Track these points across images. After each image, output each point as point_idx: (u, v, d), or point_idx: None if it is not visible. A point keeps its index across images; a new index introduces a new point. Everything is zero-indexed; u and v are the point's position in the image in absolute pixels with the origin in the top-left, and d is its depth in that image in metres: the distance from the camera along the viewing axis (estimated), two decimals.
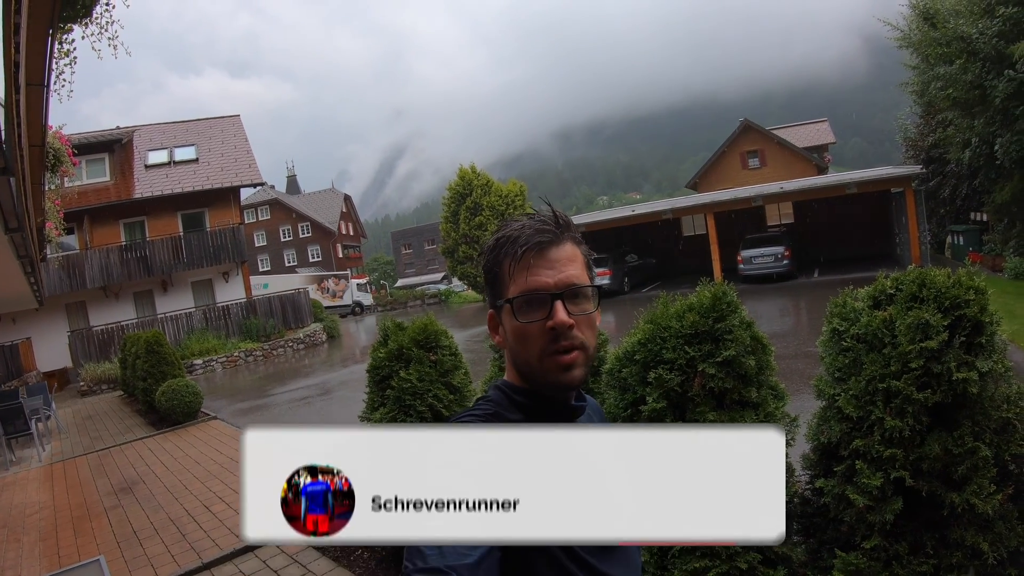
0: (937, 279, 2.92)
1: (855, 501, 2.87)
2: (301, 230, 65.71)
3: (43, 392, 13.98)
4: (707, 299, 3.30)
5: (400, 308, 42.53)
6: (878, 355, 2.93)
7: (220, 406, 14.78)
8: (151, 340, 14.37)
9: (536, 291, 1.22)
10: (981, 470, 2.78)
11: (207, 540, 6.53)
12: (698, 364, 3.21)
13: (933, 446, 2.79)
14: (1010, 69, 15.96)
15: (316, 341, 27.28)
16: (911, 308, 2.89)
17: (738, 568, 2.98)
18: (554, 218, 1.29)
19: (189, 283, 27.90)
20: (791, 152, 39.37)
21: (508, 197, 34.40)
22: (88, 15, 5.28)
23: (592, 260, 1.34)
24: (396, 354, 4.85)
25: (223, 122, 32.26)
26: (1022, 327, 10.88)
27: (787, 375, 8.62)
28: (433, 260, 74.14)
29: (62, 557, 6.53)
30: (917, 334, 2.81)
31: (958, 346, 2.79)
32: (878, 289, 3.12)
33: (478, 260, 1.39)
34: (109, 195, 26.47)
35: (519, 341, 1.25)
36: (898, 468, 2.81)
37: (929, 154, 25.50)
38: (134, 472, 9.72)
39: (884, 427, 2.84)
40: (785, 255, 23.29)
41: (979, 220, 23.02)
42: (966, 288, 2.86)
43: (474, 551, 1.01)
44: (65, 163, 8.69)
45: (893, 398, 2.84)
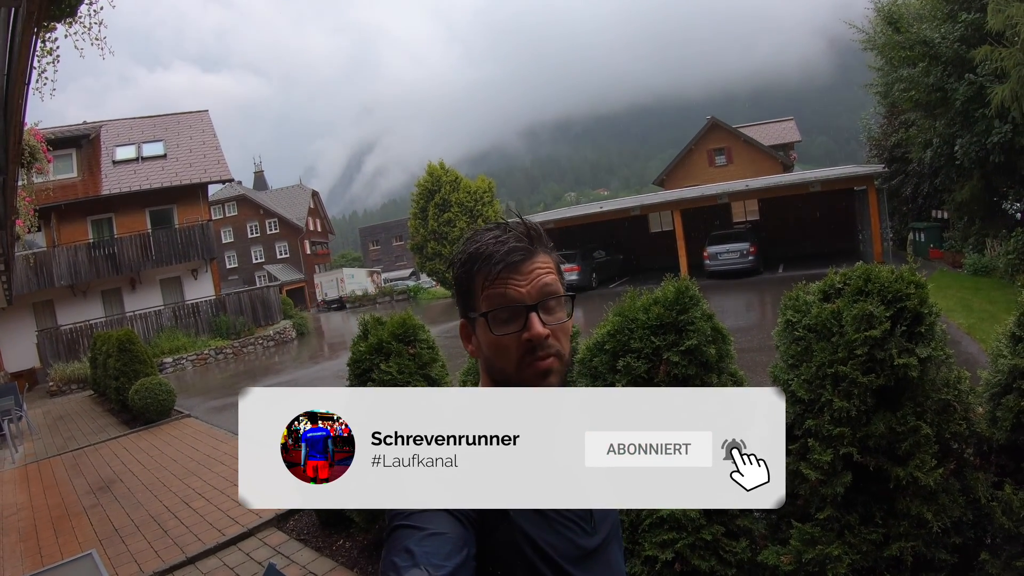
0: (881, 275, 3.18)
1: (808, 476, 3.12)
2: (269, 226, 65.01)
3: (13, 393, 13.81)
4: (671, 293, 3.54)
5: (369, 305, 42.48)
6: (827, 343, 3.19)
7: (193, 404, 14.77)
8: (123, 339, 14.32)
9: (510, 303, 1.22)
10: (923, 446, 3.03)
11: (189, 535, 6.62)
12: (663, 353, 3.46)
13: (879, 425, 3.04)
14: (971, 73, 16.38)
15: (286, 338, 27.24)
16: (857, 301, 3.15)
17: (703, 539, 3.22)
18: (526, 230, 1.29)
19: (158, 281, 27.66)
20: (757, 150, 39.87)
21: (477, 193, 34.36)
22: (73, 14, 5.34)
23: (561, 266, 1.34)
24: (376, 348, 5.03)
25: (191, 117, 31.87)
26: (979, 320, 11.26)
27: (751, 367, 8.87)
28: (401, 256, 73.85)
29: (44, 556, 6.57)
30: (862, 324, 3.06)
31: (899, 335, 3.05)
32: (828, 284, 3.38)
33: (447, 267, 1.45)
34: (76, 192, 26.13)
35: (495, 353, 1.25)
36: (846, 445, 3.06)
37: (892, 153, 25.95)
38: (111, 471, 9.74)
39: (833, 408, 3.10)
40: (750, 251, 23.63)
41: (940, 218, 23.51)
42: (907, 283, 3.12)
43: (449, 561, 1.00)
44: (40, 160, 8.67)
45: (841, 382, 3.10)
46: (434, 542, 1.02)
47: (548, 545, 1.16)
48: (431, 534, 1.03)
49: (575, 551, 1.20)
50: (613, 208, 28.93)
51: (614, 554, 1.32)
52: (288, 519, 6.70)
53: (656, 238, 31.50)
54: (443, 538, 1.03)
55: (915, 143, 21.62)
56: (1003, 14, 14.55)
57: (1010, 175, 17.40)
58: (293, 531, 6.39)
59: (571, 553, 1.19)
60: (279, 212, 65.49)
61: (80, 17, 5.59)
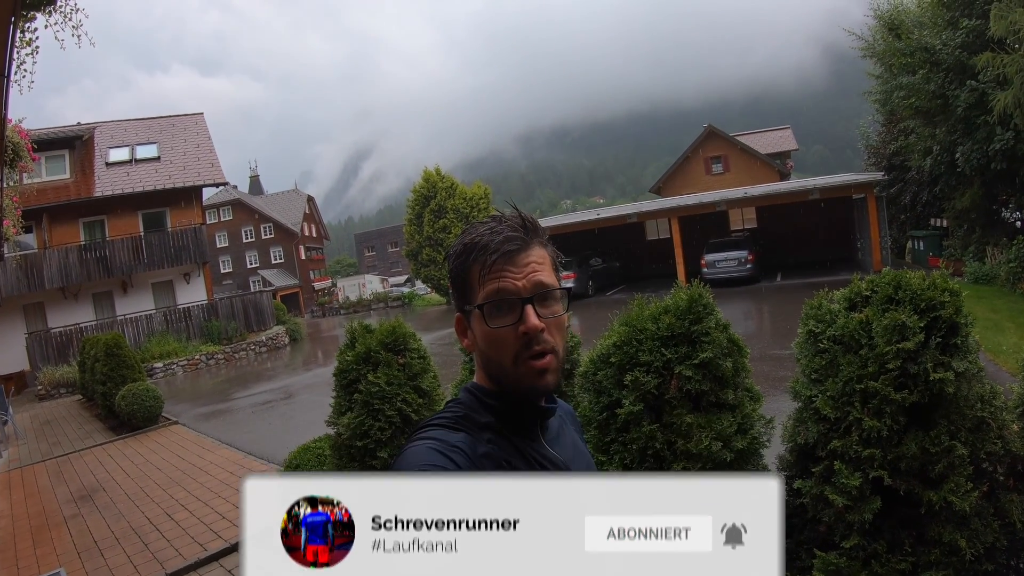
0: (912, 281, 2.96)
1: (834, 501, 2.89)
2: (264, 231, 64.86)
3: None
4: (683, 301, 3.30)
5: (364, 311, 42.28)
6: (855, 356, 2.96)
7: (181, 410, 14.57)
8: (110, 343, 14.14)
9: (506, 296, 1.22)
10: (958, 468, 2.82)
11: (170, 549, 6.44)
12: (675, 366, 3.22)
13: (911, 445, 2.82)
14: (972, 80, 16.33)
15: (278, 344, 27.02)
16: (887, 310, 2.92)
17: None
18: (522, 222, 1.29)
19: (149, 284, 27.43)
20: (754, 158, 39.87)
21: (473, 200, 34.34)
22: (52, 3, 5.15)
23: (560, 262, 1.35)
24: (364, 357, 4.77)
25: (186, 120, 31.76)
26: (983, 329, 11.08)
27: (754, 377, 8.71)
28: (396, 263, 74.01)
29: (21, 569, 6.42)
30: (894, 335, 2.83)
31: (934, 347, 2.83)
32: (854, 291, 3.15)
33: (443, 264, 1.34)
34: (69, 193, 25.96)
35: (491, 346, 1.25)
36: (876, 468, 2.84)
37: (891, 161, 25.91)
38: (94, 479, 9.57)
39: (862, 427, 2.86)
40: (748, 259, 23.54)
41: (939, 226, 23.46)
42: (941, 290, 2.91)
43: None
44: (24, 158, 8.50)
45: (871, 399, 2.87)
46: None
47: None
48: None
49: None
50: (610, 215, 28.88)
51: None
52: None
53: (653, 245, 31.48)
54: None
55: (915, 151, 21.55)
56: (1005, 20, 14.50)
57: (1011, 182, 17.36)
58: None
59: None
60: (274, 217, 65.34)
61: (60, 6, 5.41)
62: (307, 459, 5.83)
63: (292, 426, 11.01)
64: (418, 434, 1.25)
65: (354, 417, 4.65)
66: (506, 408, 1.29)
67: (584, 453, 1.49)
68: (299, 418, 11.80)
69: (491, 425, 1.27)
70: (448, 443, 1.20)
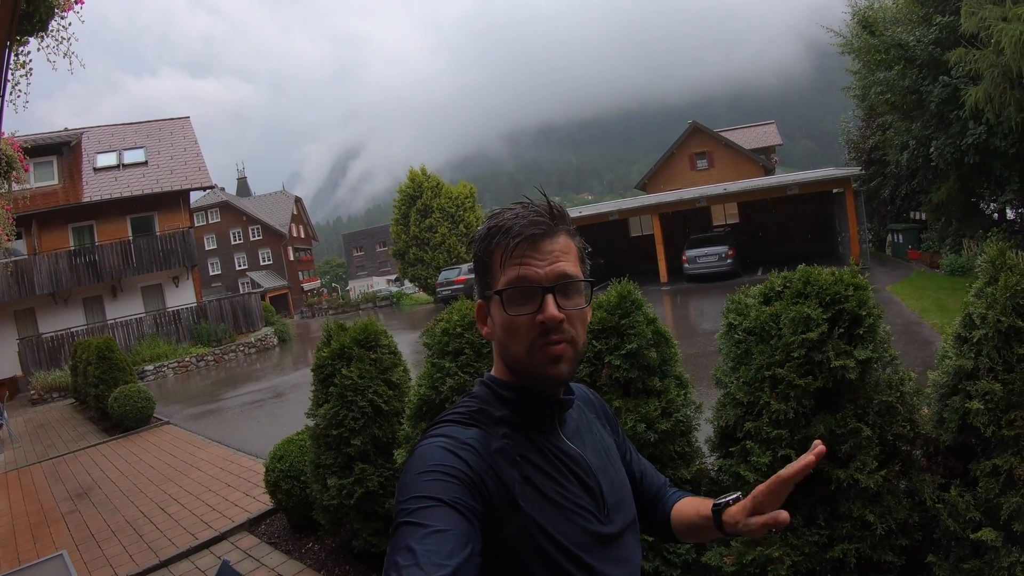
0: (821, 277, 3.23)
1: (747, 478, 3.18)
2: (252, 233, 64.87)
3: None
4: (614, 298, 3.61)
5: (352, 311, 42.39)
6: (766, 346, 3.25)
7: (173, 411, 14.74)
8: (102, 346, 14.36)
9: (527, 283, 1.19)
10: (864, 448, 3.07)
11: (164, 539, 6.67)
12: (605, 356, 3.53)
13: (818, 427, 3.08)
14: (945, 75, 16.65)
15: (267, 345, 27.11)
16: (796, 303, 3.21)
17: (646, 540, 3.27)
18: (548, 209, 1.25)
19: (139, 288, 27.59)
20: (739, 154, 40.15)
21: (458, 199, 34.50)
22: (44, 29, 5.41)
23: (586, 253, 1.31)
24: (338, 353, 5.09)
25: (173, 124, 31.91)
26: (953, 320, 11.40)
27: None
28: (385, 262, 73.99)
29: (23, 561, 6.55)
30: (799, 326, 3.12)
31: (837, 337, 3.12)
32: (768, 287, 3.45)
33: (469, 248, 1.37)
34: (57, 199, 26.10)
35: (508, 334, 1.22)
36: (784, 447, 3.11)
37: (870, 156, 26.25)
38: (89, 478, 9.76)
39: (771, 410, 3.15)
40: (729, 254, 23.62)
41: (918, 219, 23.77)
42: (846, 285, 3.18)
43: (451, 560, 0.96)
44: (17, 169, 8.70)
45: (778, 384, 3.16)
46: (436, 539, 0.98)
47: (561, 534, 1.15)
48: (434, 531, 1.00)
49: (588, 539, 1.19)
50: (592, 212, 28.96)
51: (630, 544, 1.31)
52: (260, 523, 6.76)
53: (636, 242, 31.66)
54: (446, 535, 1.00)
55: (892, 145, 21.87)
56: (976, 16, 14.78)
57: (986, 176, 17.63)
58: (264, 535, 6.44)
59: (584, 541, 1.19)
60: (262, 219, 65.35)
61: (51, 31, 5.67)
62: (291, 450, 6.10)
63: (279, 423, 11.19)
64: (431, 431, 1.23)
65: (330, 408, 4.97)
66: (522, 400, 1.26)
67: (606, 445, 1.43)
68: (286, 416, 11.98)
69: (506, 419, 1.25)
70: (459, 440, 1.17)
